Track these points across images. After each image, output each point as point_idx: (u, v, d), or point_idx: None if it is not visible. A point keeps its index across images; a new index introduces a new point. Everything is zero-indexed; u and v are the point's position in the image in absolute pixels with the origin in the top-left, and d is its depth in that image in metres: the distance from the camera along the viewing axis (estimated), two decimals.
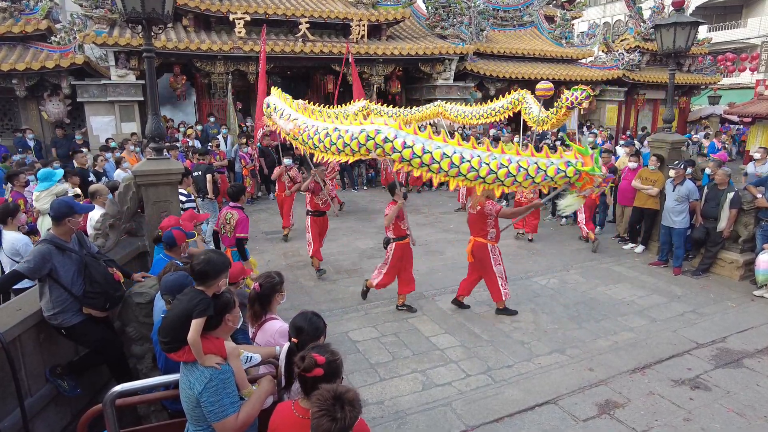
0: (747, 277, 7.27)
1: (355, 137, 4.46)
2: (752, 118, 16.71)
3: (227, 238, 5.80)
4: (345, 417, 1.77)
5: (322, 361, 2.09)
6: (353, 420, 1.79)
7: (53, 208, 3.56)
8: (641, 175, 8.33)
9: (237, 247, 5.71)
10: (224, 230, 5.81)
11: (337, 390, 1.84)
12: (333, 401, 1.79)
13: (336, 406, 1.78)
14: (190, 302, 2.34)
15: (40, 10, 12.59)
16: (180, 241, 3.87)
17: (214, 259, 2.48)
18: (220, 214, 6.07)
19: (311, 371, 2.08)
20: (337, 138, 4.58)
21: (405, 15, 15.35)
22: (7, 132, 12.95)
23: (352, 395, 1.83)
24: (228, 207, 5.91)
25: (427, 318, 6.05)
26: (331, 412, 1.77)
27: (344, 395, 1.82)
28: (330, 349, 2.20)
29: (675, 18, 7.82)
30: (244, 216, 5.78)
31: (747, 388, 4.61)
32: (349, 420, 1.77)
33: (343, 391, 1.84)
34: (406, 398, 4.44)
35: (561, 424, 4.10)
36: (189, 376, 2.32)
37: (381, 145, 4.39)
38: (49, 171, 5.66)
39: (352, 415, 1.79)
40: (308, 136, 4.92)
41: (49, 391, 3.66)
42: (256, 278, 3.12)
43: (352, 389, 1.89)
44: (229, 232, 5.74)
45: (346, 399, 1.81)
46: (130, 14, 4.65)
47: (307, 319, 2.56)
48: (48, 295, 3.51)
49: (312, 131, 4.89)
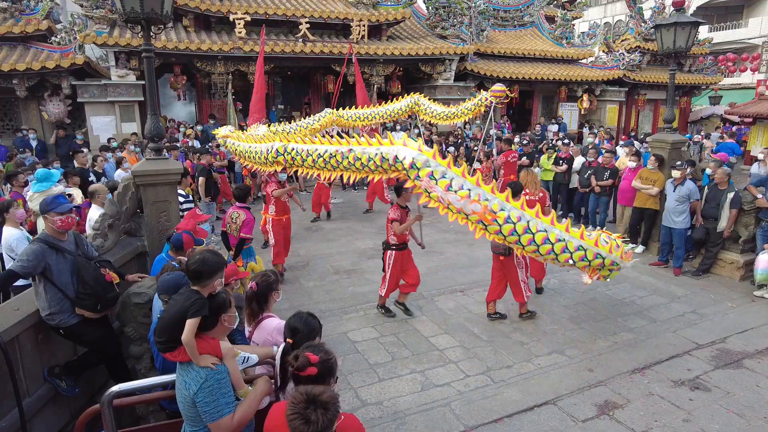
0: (747, 278, 7.25)
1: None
2: (753, 119, 16.68)
3: (233, 237, 5.82)
4: (318, 420, 1.72)
5: (315, 360, 2.08)
6: (329, 422, 1.75)
7: (40, 203, 3.68)
8: (641, 175, 8.31)
9: (235, 247, 5.71)
10: (230, 229, 5.85)
11: (311, 391, 1.79)
12: (306, 403, 1.75)
13: (309, 408, 1.74)
14: (185, 302, 2.34)
15: (41, 10, 12.60)
16: (187, 246, 3.86)
17: (209, 259, 2.48)
18: (226, 213, 6.09)
19: (304, 370, 2.07)
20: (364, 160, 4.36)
21: (405, 15, 15.35)
22: (8, 132, 12.97)
23: (326, 397, 1.78)
24: (235, 207, 5.96)
25: (427, 318, 6.04)
26: (303, 415, 1.73)
27: (319, 397, 1.77)
28: (324, 349, 2.19)
29: (675, 18, 7.80)
30: (251, 217, 5.81)
31: (747, 389, 4.60)
32: (323, 423, 1.72)
33: (317, 392, 1.79)
34: (405, 399, 4.43)
35: (560, 425, 4.09)
36: (185, 376, 2.32)
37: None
38: (47, 172, 5.64)
39: (327, 418, 1.74)
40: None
41: (47, 392, 3.66)
42: (252, 277, 3.12)
43: (329, 390, 1.84)
44: (235, 231, 5.76)
45: (320, 401, 1.76)
46: (129, 14, 4.65)
47: (302, 319, 2.57)
48: (43, 295, 3.51)
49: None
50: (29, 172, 7.49)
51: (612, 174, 9.34)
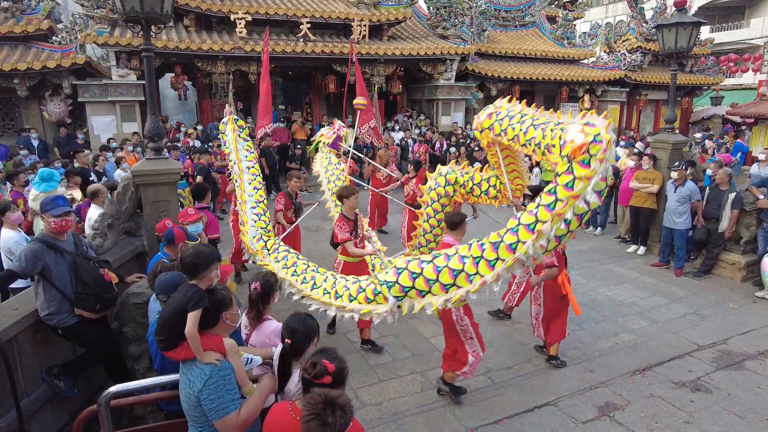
0: (749, 279, 7.23)
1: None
2: (755, 119, 16.66)
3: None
4: (336, 423, 1.73)
5: (332, 369, 2.08)
6: (344, 426, 1.75)
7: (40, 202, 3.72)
8: (638, 177, 8.30)
9: None
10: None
11: (329, 394, 1.80)
12: (324, 405, 1.76)
13: (327, 410, 1.75)
14: (183, 296, 2.34)
15: (42, 10, 12.60)
16: (178, 240, 3.85)
17: (203, 251, 2.49)
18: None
19: (321, 378, 2.07)
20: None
21: (406, 15, 15.32)
22: (9, 132, 12.97)
23: (344, 400, 1.79)
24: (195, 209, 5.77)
25: (427, 319, 6.02)
26: (321, 417, 1.73)
27: (336, 400, 1.78)
28: (338, 356, 2.19)
29: (677, 18, 7.79)
30: (213, 216, 5.75)
31: (748, 390, 4.58)
32: (339, 425, 1.73)
33: (335, 395, 1.80)
34: (404, 399, 4.42)
35: (560, 426, 4.07)
36: (188, 374, 2.30)
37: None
38: (51, 171, 5.60)
39: (343, 421, 1.75)
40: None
41: (45, 392, 3.65)
42: (252, 279, 3.12)
43: (344, 394, 1.86)
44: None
45: (338, 404, 1.77)
46: (129, 14, 4.64)
47: (300, 320, 2.57)
48: (42, 295, 3.50)
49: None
50: (30, 171, 7.48)
51: (613, 174, 9.31)
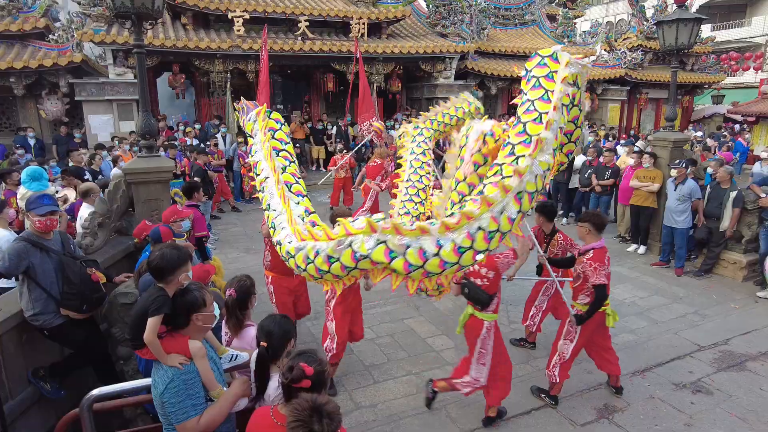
0: (750, 278, 7.14)
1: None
2: (756, 118, 16.56)
3: (192, 238, 5.57)
4: (323, 430, 1.67)
5: (310, 372, 2.00)
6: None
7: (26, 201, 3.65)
8: (638, 175, 8.22)
9: (197, 247, 5.51)
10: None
11: (316, 400, 1.74)
12: (311, 412, 1.70)
13: (314, 417, 1.69)
14: (146, 300, 2.27)
15: (39, 8, 12.53)
16: (165, 238, 3.77)
17: (168, 254, 2.37)
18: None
19: (299, 382, 1.99)
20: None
21: (405, 13, 15.25)
22: (6, 130, 12.91)
23: (332, 407, 1.74)
24: (184, 207, 5.67)
25: (424, 319, 5.95)
26: (308, 423, 1.68)
27: (324, 406, 1.72)
28: (318, 359, 2.11)
29: (678, 14, 7.70)
30: (200, 214, 5.62)
31: (750, 392, 4.50)
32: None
33: (322, 402, 1.74)
34: (400, 401, 4.34)
35: (558, 429, 4.00)
36: (155, 375, 2.25)
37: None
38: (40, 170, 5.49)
39: (330, 429, 1.69)
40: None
41: (31, 394, 3.58)
42: (227, 284, 3.02)
43: (332, 401, 1.79)
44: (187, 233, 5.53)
45: (326, 411, 1.71)
46: (119, 9, 4.57)
47: (276, 322, 2.49)
48: (27, 294, 3.43)
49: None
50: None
51: (613, 173, 9.24)
